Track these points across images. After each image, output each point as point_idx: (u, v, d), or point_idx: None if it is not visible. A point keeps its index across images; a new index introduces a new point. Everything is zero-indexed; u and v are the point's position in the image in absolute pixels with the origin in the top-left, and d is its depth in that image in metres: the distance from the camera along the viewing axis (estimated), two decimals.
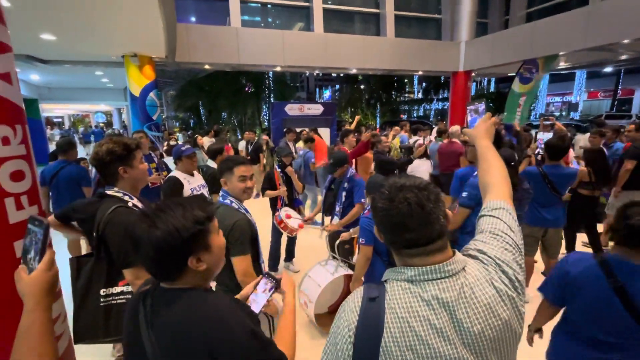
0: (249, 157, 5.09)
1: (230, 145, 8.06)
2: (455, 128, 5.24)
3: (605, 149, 4.16)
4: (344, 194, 3.08)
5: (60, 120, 27.45)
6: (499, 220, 0.85)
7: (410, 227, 0.72)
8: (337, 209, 3.13)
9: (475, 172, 2.30)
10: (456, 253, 0.77)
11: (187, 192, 2.79)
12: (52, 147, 8.43)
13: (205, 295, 0.85)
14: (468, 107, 1.24)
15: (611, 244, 1.34)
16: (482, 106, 1.21)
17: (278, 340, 0.93)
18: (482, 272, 0.75)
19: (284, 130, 7.21)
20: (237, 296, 1.12)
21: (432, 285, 0.72)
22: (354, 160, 4.59)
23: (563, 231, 3.31)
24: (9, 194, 1.32)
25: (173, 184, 2.78)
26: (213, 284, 1.59)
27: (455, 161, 4.58)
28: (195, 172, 2.99)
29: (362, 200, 2.94)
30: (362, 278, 2.30)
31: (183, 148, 2.92)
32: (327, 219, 3.31)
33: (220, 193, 1.80)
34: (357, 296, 0.77)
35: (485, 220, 0.87)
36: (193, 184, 2.86)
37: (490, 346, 0.71)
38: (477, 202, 2.27)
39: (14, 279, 1.38)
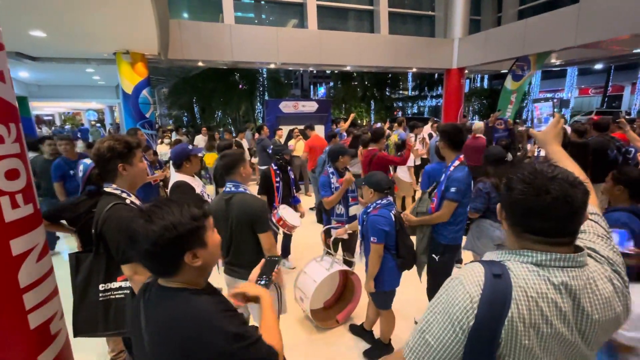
0: None
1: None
2: (479, 124, 5.57)
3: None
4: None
5: (50, 118, 26.99)
6: (597, 224, 0.92)
7: (548, 217, 0.75)
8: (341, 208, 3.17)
9: (452, 167, 2.37)
10: (584, 248, 0.81)
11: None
12: None
13: (191, 298, 0.87)
14: (535, 105, 1.28)
15: None
16: (550, 107, 1.24)
17: (264, 331, 0.96)
18: (600, 268, 0.81)
19: (274, 129, 7.22)
20: (251, 276, 1.20)
21: (561, 272, 0.76)
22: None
23: None
24: (4, 192, 1.32)
25: (188, 190, 2.43)
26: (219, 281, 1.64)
27: (480, 155, 4.71)
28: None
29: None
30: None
31: (190, 147, 2.67)
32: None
33: (231, 184, 2.02)
34: (477, 271, 0.79)
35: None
36: (199, 187, 2.55)
37: (598, 334, 0.78)
38: (463, 195, 2.35)
39: (10, 277, 1.38)
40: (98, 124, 20.07)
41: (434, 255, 2.52)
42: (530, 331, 0.73)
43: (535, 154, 5.09)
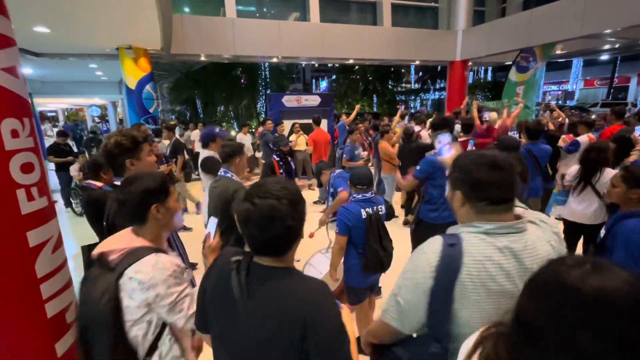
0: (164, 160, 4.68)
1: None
2: (495, 116, 5.68)
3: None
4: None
5: (54, 114, 27.09)
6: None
7: (501, 185, 0.92)
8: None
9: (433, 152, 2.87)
10: (522, 217, 0.97)
11: None
12: (47, 141, 8.38)
13: (305, 277, 0.94)
14: (435, 135, 1.43)
15: None
16: (446, 137, 1.42)
17: None
18: (540, 233, 0.97)
19: (276, 123, 7.21)
20: None
21: (504, 238, 0.91)
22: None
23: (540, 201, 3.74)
24: (20, 185, 1.35)
25: (215, 162, 2.89)
26: None
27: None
28: None
29: (341, 188, 2.96)
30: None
31: (217, 130, 3.25)
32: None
33: (223, 169, 2.30)
34: (435, 243, 0.95)
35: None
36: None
37: None
38: (426, 176, 2.81)
39: (28, 268, 1.42)
40: (97, 120, 20.19)
41: (413, 224, 3.01)
42: (479, 288, 0.88)
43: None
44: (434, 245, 0.95)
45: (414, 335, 0.99)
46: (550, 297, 0.55)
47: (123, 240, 1.15)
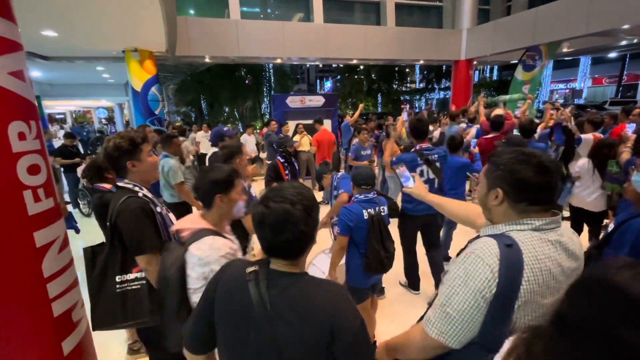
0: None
1: None
2: (501, 112, 5.58)
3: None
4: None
5: (62, 116, 27.49)
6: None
7: (549, 188, 0.89)
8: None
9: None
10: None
11: None
12: (55, 143, 8.50)
13: (323, 281, 0.93)
14: (397, 171, 1.58)
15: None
16: (402, 166, 1.56)
17: None
18: (563, 222, 0.97)
19: (280, 124, 7.23)
20: None
21: (553, 232, 0.90)
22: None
23: None
24: (27, 187, 1.38)
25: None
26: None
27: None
28: None
29: (342, 190, 2.97)
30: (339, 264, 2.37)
31: (225, 129, 3.20)
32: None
33: None
34: (490, 244, 0.88)
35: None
36: None
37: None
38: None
39: (35, 267, 1.44)
40: (105, 122, 20.43)
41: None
42: (543, 287, 0.84)
43: None
44: (490, 247, 0.87)
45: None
46: (597, 296, 0.56)
47: (192, 221, 1.39)
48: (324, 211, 5.29)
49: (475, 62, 11.16)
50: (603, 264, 0.60)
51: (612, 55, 17.56)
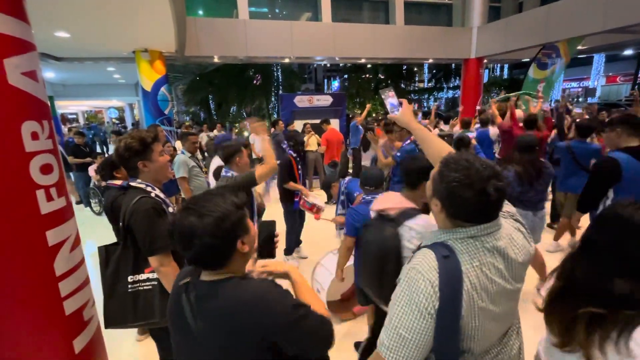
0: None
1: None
2: (521, 113, 5.38)
3: None
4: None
5: (74, 117, 28.04)
6: None
7: (487, 213, 0.89)
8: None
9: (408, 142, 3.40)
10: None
11: None
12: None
13: (241, 282, 0.91)
14: (383, 95, 1.45)
15: None
16: (391, 92, 1.43)
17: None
18: (509, 223, 0.97)
19: (288, 124, 7.22)
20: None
21: (490, 237, 0.90)
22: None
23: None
24: (40, 186, 1.39)
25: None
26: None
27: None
28: None
29: (357, 193, 2.93)
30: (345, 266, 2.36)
31: (233, 136, 3.23)
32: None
33: (224, 170, 2.43)
34: (429, 257, 0.88)
35: None
36: None
37: (521, 270, 0.96)
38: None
39: (47, 266, 1.45)
40: (117, 122, 20.75)
41: None
42: (482, 294, 0.86)
43: None
44: (429, 261, 0.87)
45: None
46: (610, 224, 0.83)
47: (396, 201, 1.63)
48: (329, 211, 5.25)
49: (485, 61, 10.99)
50: (617, 203, 0.84)
51: (628, 52, 17.10)
